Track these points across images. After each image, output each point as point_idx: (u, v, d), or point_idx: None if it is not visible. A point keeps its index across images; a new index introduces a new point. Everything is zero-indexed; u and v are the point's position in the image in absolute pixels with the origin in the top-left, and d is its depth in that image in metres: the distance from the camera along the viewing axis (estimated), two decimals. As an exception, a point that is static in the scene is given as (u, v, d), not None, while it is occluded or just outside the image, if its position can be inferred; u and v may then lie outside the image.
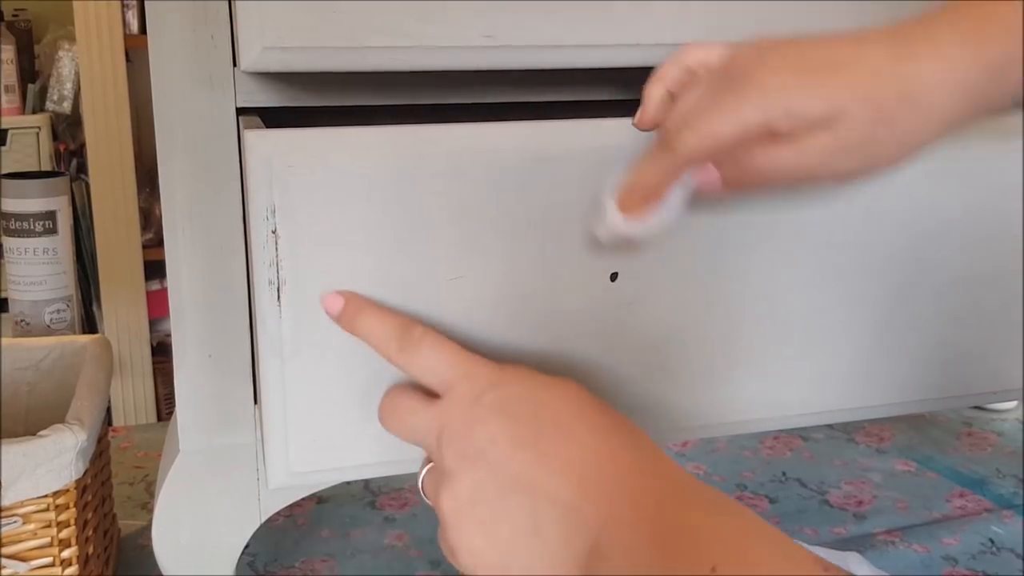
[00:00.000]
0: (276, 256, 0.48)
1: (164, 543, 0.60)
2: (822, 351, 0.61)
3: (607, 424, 0.43)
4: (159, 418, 2.02)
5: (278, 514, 0.68)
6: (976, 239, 0.63)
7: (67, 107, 2.07)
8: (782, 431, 1.01)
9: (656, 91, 0.51)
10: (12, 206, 1.03)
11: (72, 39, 1.95)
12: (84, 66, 1.84)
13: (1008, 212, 0.64)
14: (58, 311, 1.05)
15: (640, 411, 0.57)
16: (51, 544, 0.60)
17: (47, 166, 2.02)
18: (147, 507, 0.84)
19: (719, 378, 0.59)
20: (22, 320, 1.04)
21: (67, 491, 0.59)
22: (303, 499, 0.71)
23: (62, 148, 2.04)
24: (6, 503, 0.57)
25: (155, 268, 1.97)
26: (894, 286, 0.62)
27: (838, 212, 0.57)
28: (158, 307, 1.99)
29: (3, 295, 1.41)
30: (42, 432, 0.58)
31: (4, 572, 0.58)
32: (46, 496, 0.58)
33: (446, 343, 0.46)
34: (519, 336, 0.53)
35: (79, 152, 2.04)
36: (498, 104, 0.60)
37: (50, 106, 2.07)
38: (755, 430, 0.63)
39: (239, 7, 0.48)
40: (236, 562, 0.61)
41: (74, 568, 0.61)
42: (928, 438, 1.01)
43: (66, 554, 0.60)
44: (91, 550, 0.64)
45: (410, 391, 0.47)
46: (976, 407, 1.08)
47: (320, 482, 0.55)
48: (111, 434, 0.95)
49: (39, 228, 1.03)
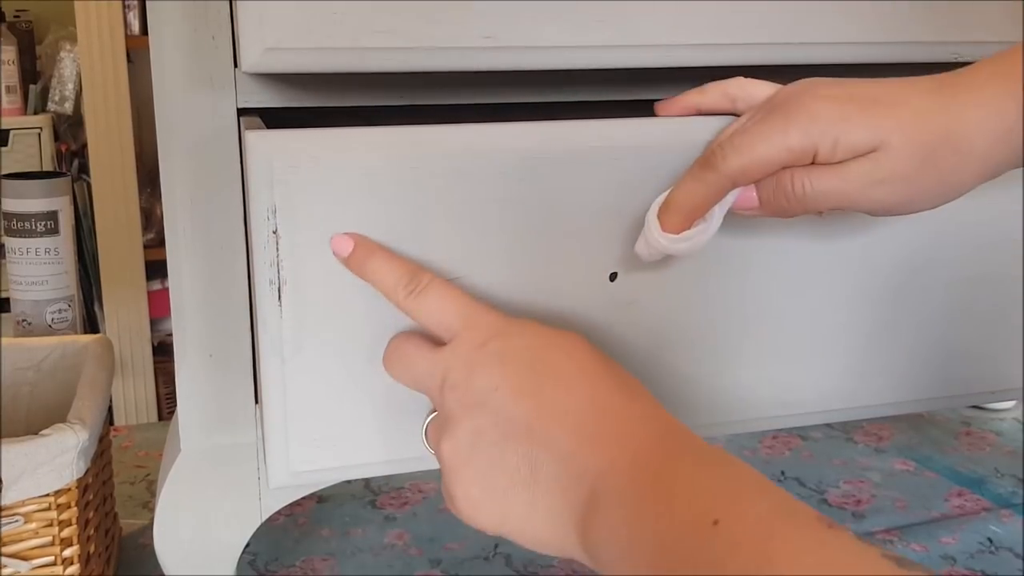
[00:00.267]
0: (277, 256, 0.48)
1: (165, 542, 0.60)
2: (821, 351, 0.61)
3: (608, 376, 0.43)
4: (160, 417, 2.02)
5: (278, 513, 0.69)
6: (976, 240, 0.63)
7: (68, 108, 2.07)
8: (781, 430, 1.01)
9: (691, 100, 0.53)
10: (14, 206, 1.03)
11: (73, 40, 1.95)
12: (85, 67, 1.84)
13: (1008, 213, 0.64)
14: (60, 311, 1.05)
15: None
16: (52, 543, 0.60)
17: (49, 166, 2.02)
18: (148, 506, 0.84)
19: (718, 378, 0.59)
20: (24, 320, 1.04)
21: (68, 490, 0.60)
22: (303, 498, 0.71)
23: (63, 148, 2.04)
24: (8, 502, 0.57)
25: (156, 268, 1.97)
26: (894, 286, 0.62)
27: (838, 214, 0.58)
28: (159, 307, 2.00)
29: (5, 295, 1.42)
30: (44, 431, 0.58)
31: (5, 571, 0.58)
32: (47, 495, 0.59)
33: (453, 290, 0.46)
34: (519, 336, 0.53)
35: (80, 152, 2.04)
36: (498, 104, 0.61)
37: (51, 107, 2.08)
38: (754, 429, 0.63)
39: (240, 8, 0.48)
40: (237, 561, 0.61)
41: (75, 567, 0.61)
42: (927, 437, 1.02)
43: (67, 553, 0.61)
44: (92, 549, 0.64)
45: (415, 338, 0.47)
46: (975, 406, 1.08)
47: (321, 481, 0.56)
48: (112, 433, 0.95)
49: (41, 228, 1.03)
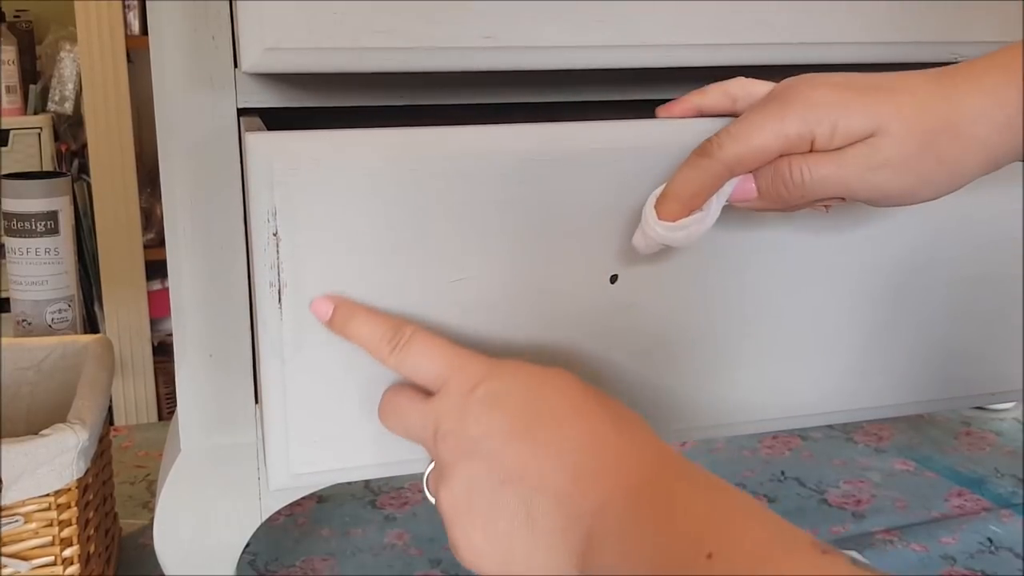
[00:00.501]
0: (277, 258, 0.48)
1: (165, 542, 0.60)
2: (821, 352, 0.61)
3: (599, 411, 0.43)
4: (160, 417, 2.02)
5: (278, 513, 0.69)
6: (976, 240, 0.63)
7: (68, 108, 2.07)
8: (781, 430, 1.01)
9: (692, 102, 0.53)
10: (14, 206, 1.03)
11: (73, 40, 1.95)
12: (85, 67, 1.84)
13: (1008, 213, 0.64)
14: (60, 311, 1.05)
15: (640, 412, 0.57)
16: (52, 543, 0.60)
17: (49, 166, 2.02)
18: (148, 506, 0.84)
19: (719, 379, 0.59)
20: (24, 320, 1.04)
21: (68, 490, 0.60)
22: (303, 498, 0.71)
23: (63, 148, 2.04)
24: (8, 502, 0.57)
25: (156, 268, 1.97)
26: (894, 287, 0.62)
27: (837, 213, 0.58)
28: (159, 307, 2.00)
29: (5, 295, 1.42)
30: (44, 431, 0.58)
31: (5, 571, 0.58)
32: (48, 495, 0.59)
33: (436, 340, 0.46)
34: (520, 338, 0.53)
35: (80, 152, 2.04)
36: (498, 104, 0.61)
37: (51, 107, 2.07)
38: (754, 431, 0.63)
39: (240, 8, 0.48)
40: (237, 561, 0.61)
41: (75, 567, 0.61)
42: (927, 437, 1.02)
43: (67, 553, 0.61)
44: (92, 549, 0.64)
45: (407, 389, 0.47)
46: (975, 406, 1.08)
47: (321, 482, 0.56)
48: (112, 433, 0.95)
49: (41, 228, 1.03)
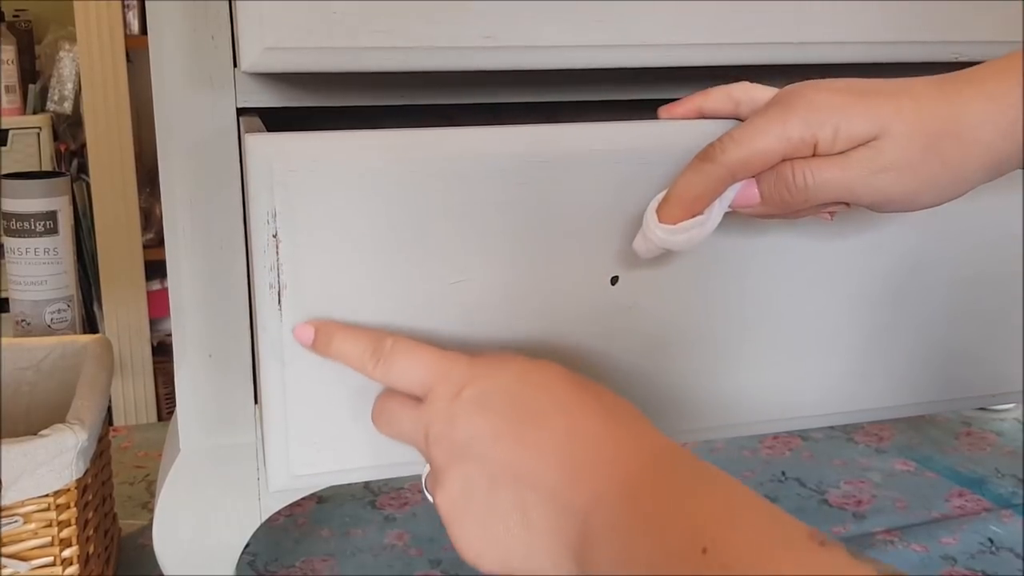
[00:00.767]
0: (277, 260, 0.48)
1: (165, 542, 0.60)
2: (822, 353, 0.61)
3: (588, 404, 0.43)
4: (159, 418, 2.02)
5: (278, 513, 0.69)
6: (976, 240, 0.63)
7: (68, 107, 2.07)
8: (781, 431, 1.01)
9: (694, 103, 0.53)
10: (13, 206, 1.03)
11: (73, 39, 1.95)
12: (85, 66, 1.84)
13: (1008, 213, 0.64)
14: (59, 311, 1.05)
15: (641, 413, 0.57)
16: (52, 543, 0.60)
17: (48, 166, 2.02)
18: (148, 507, 0.84)
19: (719, 380, 0.59)
20: (23, 320, 1.04)
21: (68, 490, 0.60)
22: (303, 498, 0.71)
23: (63, 148, 2.04)
24: (7, 502, 0.57)
25: (156, 268, 1.97)
26: (894, 288, 0.62)
27: (839, 215, 0.57)
28: (158, 307, 2.00)
29: (4, 295, 1.42)
30: (43, 432, 0.58)
31: (5, 572, 0.58)
32: (47, 495, 0.58)
33: (418, 348, 0.46)
34: (520, 339, 0.53)
35: (80, 152, 2.04)
36: (498, 104, 0.60)
37: (51, 106, 2.07)
38: (755, 432, 0.63)
39: (239, 8, 0.48)
40: (236, 561, 0.61)
41: (75, 568, 0.61)
42: (927, 438, 1.01)
43: (67, 553, 0.60)
44: (92, 549, 0.64)
45: (398, 395, 0.47)
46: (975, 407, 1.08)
47: (320, 484, 0.56)
48: (112, 434, 0.95)
49: (40, 228, 1.03)
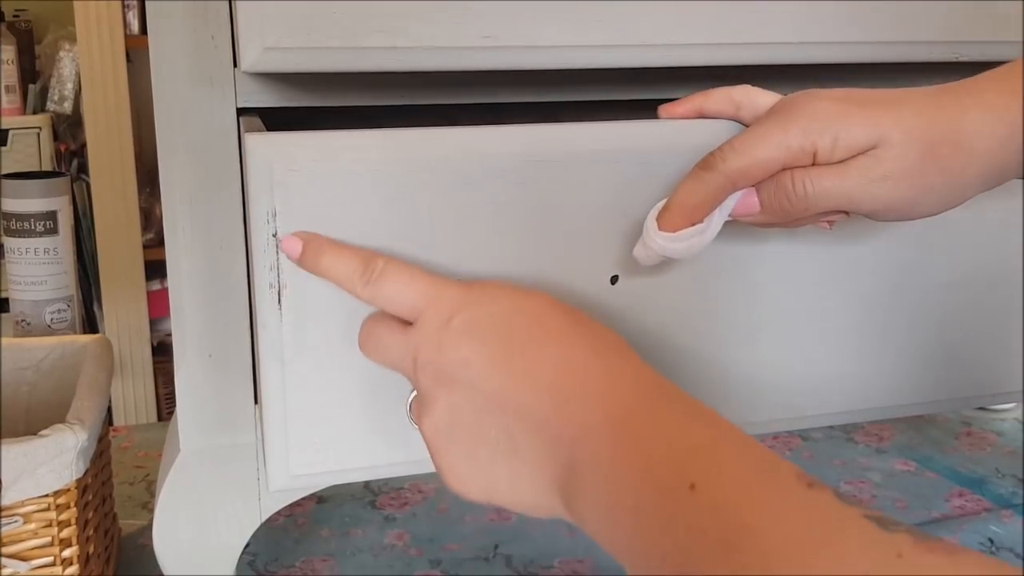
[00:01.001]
0: (277, 260, 0.48)
1: (165, 542, 0.60)
2: (821, 354, 0.61)
3: (579, 336, 0.42)
4: (159, 418, 2.02)
5: (278, 513, 0.69)
6: (975, 241, 0.63)
7: (68, 107, 2.07)
8: (781, 431, 1.01)
9: (695, 103, 0.53)
10: (13, 206, 1.03)
11: (73, 39, 1.95)
12: (85, 66, 1.84)
13: (1008, 213, 0.64)
14: (59, 311, 1.05)
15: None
16: (52, 543, 0.60)
17: (48, 166, 2.02)
18: (148, 507, 0.84)
19: (719, 381, 0.59)
20: (23, 320, 1.04)
21: (68, 491, 0.59)
22: (303, 498, 0.71)
23: (63, 148, 2.04)
24: (7, 502, 0.57)
25: (156, 268, 1.97)
26: (894, 288, 0.62)
27: (842, 220, 0.57)
28: (158, 307, 2.00)
29: (4, 295, 1.42)
30: (43, 432, 0.58)
31: (5, 572, 0.58)
32: (47, 496, 0.58)
33: (410, 270, 0.45)
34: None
35: (80, 152, 2.04)
36: (498, 104, 0.60)
37: (51, 106, 2.07)
38: (755, 432, 0.63)
39: (239, 7, 0.48)
40: (236, 561, 0.61)
41: (75, 568, 0.61)
42: (927, 438, 1.01)
43: (67, 553, 0.60)
44: (92, 549, 0.64)
45: (385, 319, 0.46)
46: (976, 407, 1.08)
47: (320, 483, 0.55)
48: (112, 434, 0.95)
49: (40, 228, 1.03)
